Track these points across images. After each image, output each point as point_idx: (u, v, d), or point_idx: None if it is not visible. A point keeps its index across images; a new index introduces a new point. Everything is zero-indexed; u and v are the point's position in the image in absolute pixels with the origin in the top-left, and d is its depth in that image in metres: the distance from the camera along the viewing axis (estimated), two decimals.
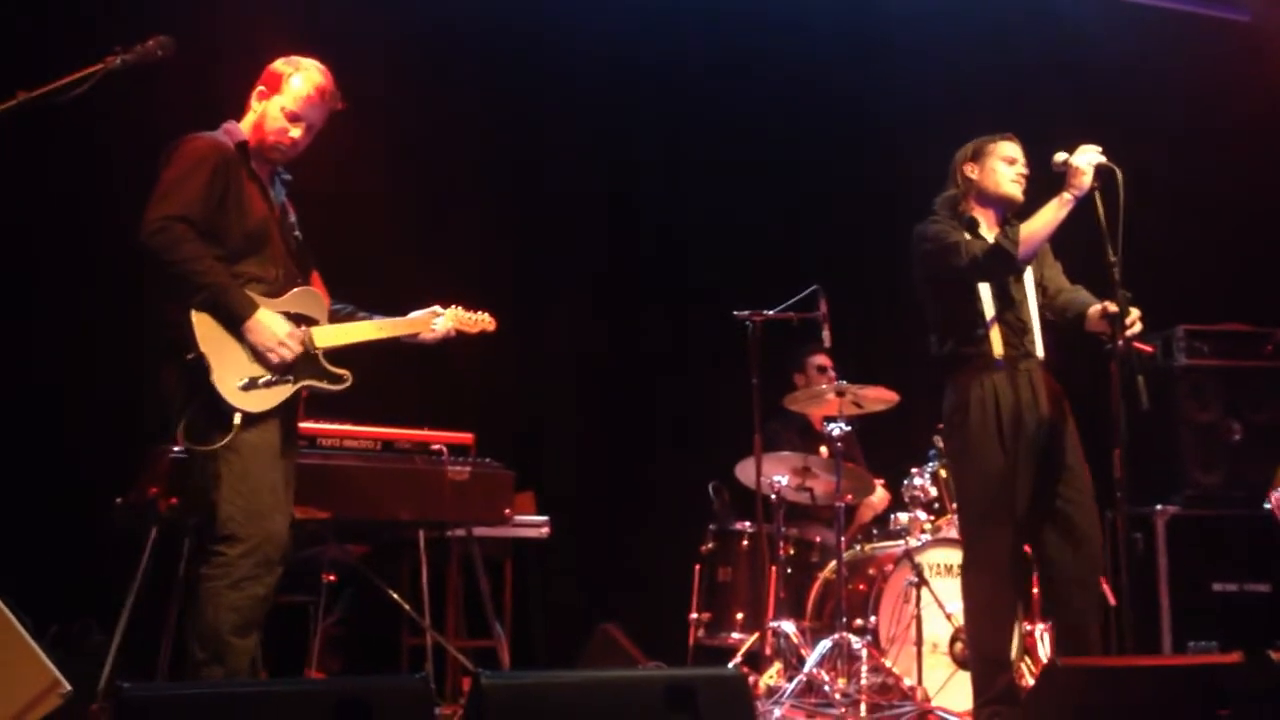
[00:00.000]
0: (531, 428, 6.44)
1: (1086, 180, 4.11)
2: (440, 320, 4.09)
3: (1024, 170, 4.34)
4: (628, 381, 6.77)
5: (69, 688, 3.15)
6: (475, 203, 6.60)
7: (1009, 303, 4.30)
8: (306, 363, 3.70)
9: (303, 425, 4.69)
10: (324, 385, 3.76)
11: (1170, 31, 7.21)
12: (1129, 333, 4.03)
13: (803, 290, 5.38)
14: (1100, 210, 4.13)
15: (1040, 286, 4.40)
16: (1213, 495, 6.16)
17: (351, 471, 4.61)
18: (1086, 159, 4.13)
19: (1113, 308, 4.05)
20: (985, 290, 4.28)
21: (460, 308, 4.19)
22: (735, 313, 5.42)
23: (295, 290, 3.75)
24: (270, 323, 3.59)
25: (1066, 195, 4.14)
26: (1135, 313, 4.05)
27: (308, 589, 5.16)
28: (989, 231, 4.34)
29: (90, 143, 5.41)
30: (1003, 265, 4.23)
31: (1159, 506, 6.11)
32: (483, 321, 4.24)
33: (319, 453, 4.59)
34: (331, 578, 5.15)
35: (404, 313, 4.11)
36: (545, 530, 5.53)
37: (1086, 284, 4.41)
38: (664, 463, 6.73)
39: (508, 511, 4.95)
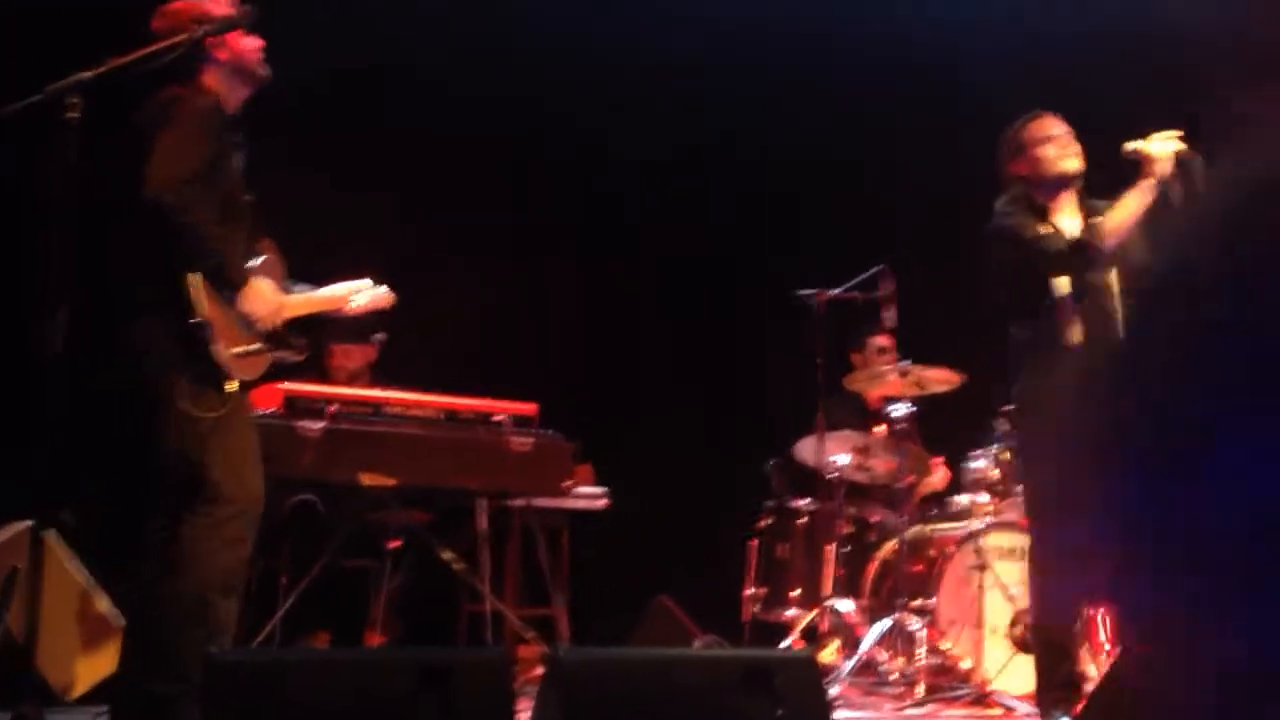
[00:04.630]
0: (595, 399, 6.44)
1: (1167, 167, 4.06)
2: (360, 296, 3.92)
3: (1070, 143, 4.21)
4: (691, 358, 6.76)
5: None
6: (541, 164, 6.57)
7: (1089, 288, 4.22)
8: (276, 331, 3.61)
9: (367, 394, 4.77)
10: (290, 355, 3.68)
11: None
12: None
13: (868, 270, 5.36)
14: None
15: (1123, 261, 4.25)
16: None
17: (417, 439, 4.63)
18: (1163, 146, 4.08)
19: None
20: (1064, 278, 4.22)
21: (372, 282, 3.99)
22: (800, 292, 5.40)
23: (261, 259, 3.62)
24: (266, 291, 3.53)
25: (1148, 182, 4.08)
26: None
27: (372, 553, 5.22)
28: (1068, 216, 4.27)
29: None
30: (1089, 259, 4.13)
31: None
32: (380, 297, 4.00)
33: (385, 420, 4.61)
34: (397, 543, 5.20)
35: None
36: (603, 502, 5.56)
37: None
38: (722, 439, 6.72)
39: (567, 483, 4.97)
